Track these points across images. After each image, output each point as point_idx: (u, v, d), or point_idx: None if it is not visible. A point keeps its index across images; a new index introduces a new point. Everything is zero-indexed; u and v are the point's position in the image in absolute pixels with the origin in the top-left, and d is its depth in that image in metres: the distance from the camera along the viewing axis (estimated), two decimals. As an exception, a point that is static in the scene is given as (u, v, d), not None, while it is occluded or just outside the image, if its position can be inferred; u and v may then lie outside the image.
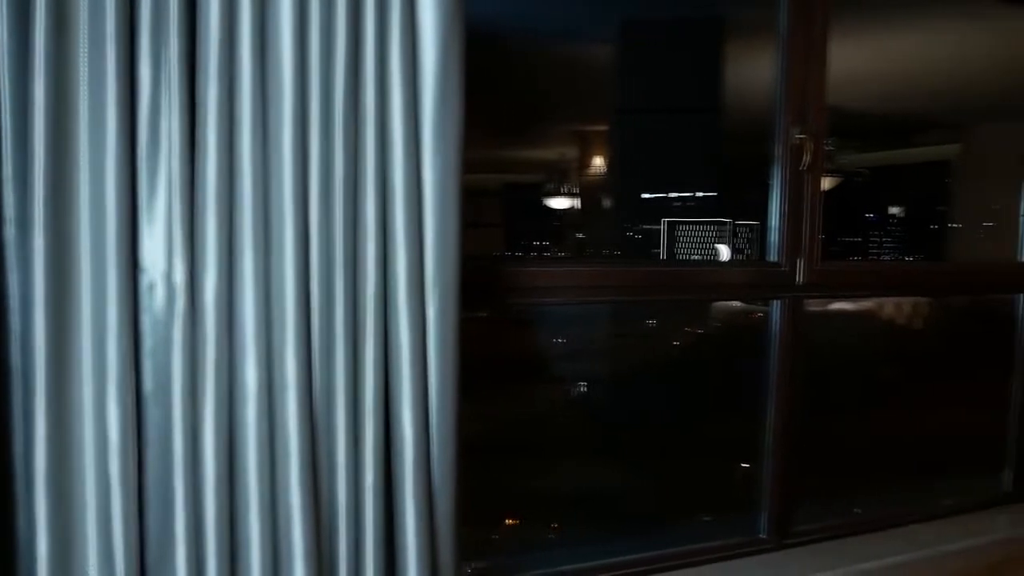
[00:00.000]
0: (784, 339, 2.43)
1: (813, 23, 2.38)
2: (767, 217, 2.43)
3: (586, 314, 3.12)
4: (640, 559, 2.30)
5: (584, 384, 3.47)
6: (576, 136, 4.35)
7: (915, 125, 4.79)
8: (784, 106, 2.37)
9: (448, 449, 1.52)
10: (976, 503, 2.95)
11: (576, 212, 4.28)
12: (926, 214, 4.91)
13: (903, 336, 3.69)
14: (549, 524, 2.71)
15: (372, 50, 1.40)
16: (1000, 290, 3.10)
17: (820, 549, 2.55)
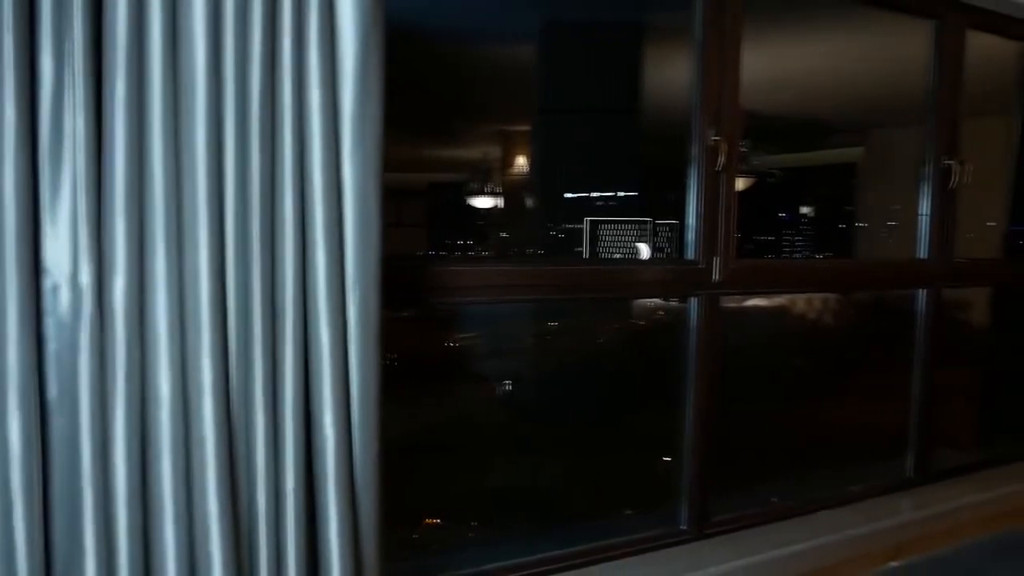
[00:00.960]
0: (701, 335, 2.50)
1: (726, 30, 2.46)
2: (685, 216, 2.49)
3: (510, 313, 3.13)
4: (563, 555, 2.33)
5: (509, 382, 3.49)
6: (499, 136, 4.37)
7: (823, 129, 4.99)
8: (700, 109, 2.44)
9: (370, 450, 1.51)
10: (881, 488, 3.10)
11: (500, 211, 4.29)
12: (834, 214, 5.13)
13: (814, 330, 3.85)
14: (473, 523, 2.72)
15: (289, 48, 1.37)
16: (901, 286, 3.27)
17: (738, 538, 2.63)
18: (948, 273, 3.19)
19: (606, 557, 2.39)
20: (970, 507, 3.11)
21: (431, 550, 2.53)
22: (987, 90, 3.81)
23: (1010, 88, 3.90)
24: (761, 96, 3.68)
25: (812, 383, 3.66)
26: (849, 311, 3.90)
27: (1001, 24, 3.23)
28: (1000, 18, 3.19)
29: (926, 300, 3.16)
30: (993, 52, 3.53)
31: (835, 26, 3.57)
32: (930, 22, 3.05)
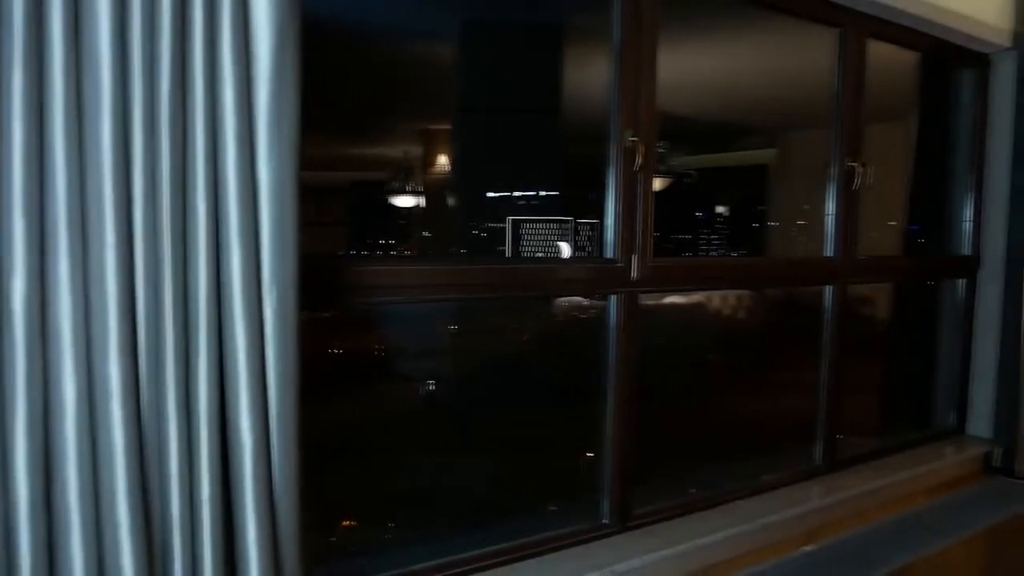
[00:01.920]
0: (621, 332, 2.55)
1: (643, 33, 2.51)
2: (604, 216, 2.54)
3: (433, 312, 3.12)
4: (486, 553, 2.34)
5: (432, 382, 3.47)
6: (421, 134, 4.34)
7: (737, 131, 5.15)
8: (617, 110, 2.49)
9: (290, 455, 1.48)
10: (793, 477, 3.23)
11: (422, 210, 4.27)
12: (748, 213, 5.30)
13: (729, 326, 3.97)
14: (395, 524, 2.70)
15: (201, 42, 1.33)
16: (810, 282, 3.41)
17: (659, 529, 2.70)
18: (852, 270, 3.35)
19: (530, 554, 2.41)
20: (873, 492, 3.28)
21: (353, 553, 2.50)
22: (889, 97, 4.01)
23: (909, 95, 4.12)
24: (678, 98, 3.77)
25: (728, 377, 3.78)
26: (762, 307, 4.04)
27: (899, 34, 3.41)
28: (898, 28, 3.37)
29: (832, 296, 3.31)
30: (894, 61, 3.73)
31: (748, 32, 3.69)
32: (834, 30, 3.19)
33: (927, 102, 4.14)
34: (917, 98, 4.12)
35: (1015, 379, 3.73)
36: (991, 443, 3.88)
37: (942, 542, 2.92)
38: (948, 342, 4.13)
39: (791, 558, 2.74)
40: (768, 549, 2.79)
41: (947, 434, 4.01)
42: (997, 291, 3.91)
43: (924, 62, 3.93)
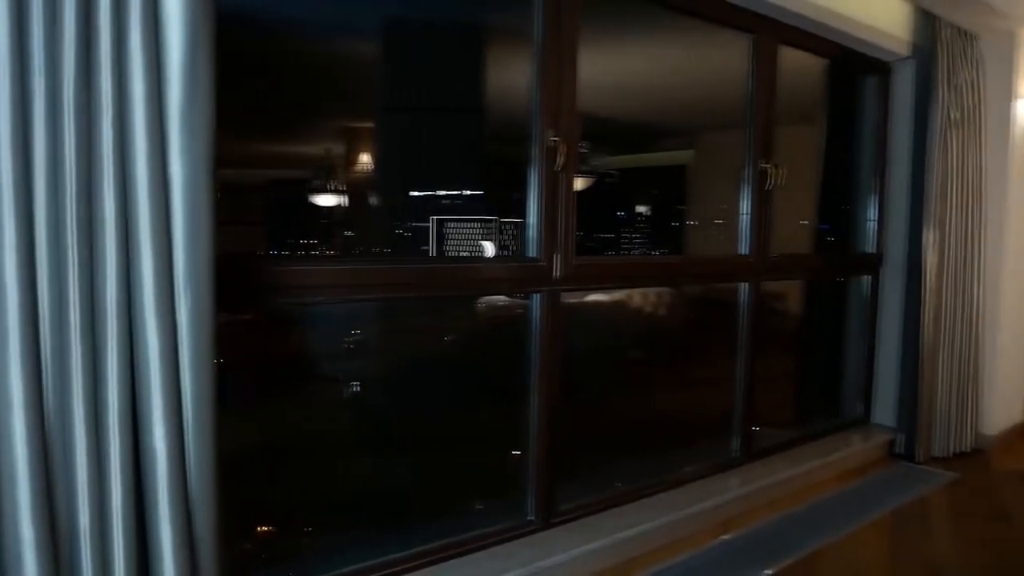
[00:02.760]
0: (544, 330, 2.58)
1: (564, 34, 2.54)
2: (527, 215, 2.56)
3: (357, 312, 3.08)
4: (412, 555, 2.33)
5: (357, 383, 3.43)
6: (343, 132, 4.27)
7: (657, 131, 5.26)
8: (539, 110, 2.51)
9: (206, 462, 1.44)
10: (711, 468, 3.33)
11: (344, 209, 4.20)
12: (669, 213, 5.41)
13: (650, 323, 4.05)
14: (320, 528, 2.65)
15: (108, 33, 1.28)
16: (726, 280, 3.52)
17: (583, 525, 2.74)
18: (766, 268, 3.47)
19: (455, 553, 2.41)
20: (787, 481, 3.41)
21: (273, 560, 2.45)
22: (800, 101, 4.16)
23: (818, 100, 4.29)
24: (599, 99, 3.82)
25: (649, 373, 3.86)
26: (681, 304, 4.14)
27: (808, 41, 3.56)
28: (807, 36, 3.51)
29: (747, 293, 3.42)
30: (804, 67, 3.87)
31: (667, 36, 3.77)
32: (748, 36, 3.30)
33: (835, 107, 4.33)
34: (825, 103, 4.30)
35: (915, 370, 3.93)
36: (894, 431, 4.09)
37: (851, 526, 3.05)
38: (855, 336, 4.33)
39: (710, 547, 2.82)
40: (688, 539, 2.87)
41: (855, 423, 4.21)
42: (898, 287, 4.12)
43: (831, 68, 4.11)
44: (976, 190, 4.03)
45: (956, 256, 3.96)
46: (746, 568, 2.65)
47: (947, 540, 2.99)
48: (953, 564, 2.77)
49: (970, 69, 3.99)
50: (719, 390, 3.50)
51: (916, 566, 2.75)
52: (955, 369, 4.01)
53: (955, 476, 3.74)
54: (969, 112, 3.96)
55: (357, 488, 2.84)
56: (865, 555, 2.83)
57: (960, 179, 3.94)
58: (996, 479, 3.76)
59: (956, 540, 2.99)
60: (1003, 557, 2.84)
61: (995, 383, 4.26)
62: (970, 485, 3.64)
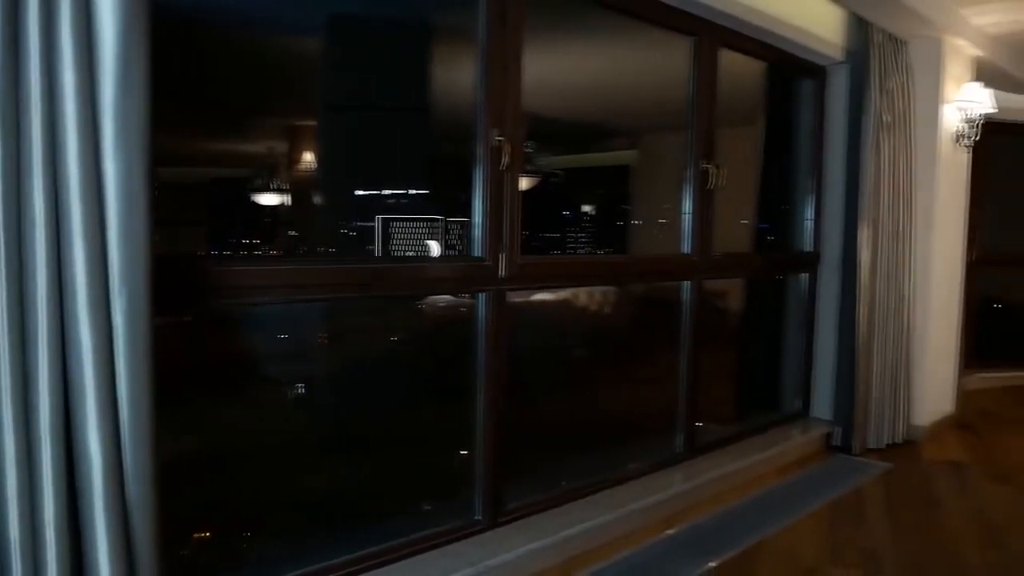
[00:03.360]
0: (490, 329, 2.58)
1: (509, 33, 2.55)
2: (472, 214, 2.55)
3: (302, 313, 3.03)
4: (359, 557, 2.30)
5: (303, 385, 3.38)
6: (286, 130, 4.20)
7: (602, 132, 5.31)
8: (484, 109, 2.51)
9: (144, 467, 1.40)
10: (656, 464, 3.37)
11: (287, 209, 4.14)
12: (613, 212, 5.47)
13: (596, 322, 4.09)
14: (266, 533, 2.60)
15: (37, 28, 1.24)
16: (670, 278, 3.57)
17: (530, 523, 2.75)
18: (708, 266, 3.54)
19: (403, 555, 2.40)
20: (729, 475, 3.48)
21: (217, 566, 2.39)
22: (740, 103, 4.25)
23: (758, 102, 4.39)
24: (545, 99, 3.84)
25: (595, 370, 3.89)
26: (626, 303, 4.19)
27: (748, 45, 3.64)
28: (747, 40, 3.59)
29: (690, 291, 3.48)
30: (745, 69, 3.96)
31: (612, 37, 3.81)
32: (689, 39, 3.36)
33: (773, 109, 4.43)
34: (764, 105, 4.40)
35: (850, 365, 4.06)
36: (831, 424, 4.21)
37: (791, 517, 3.14)
38: (794, 332, 4.45)
39: (655, 542, 2.86)
40: (633, 535, 2.91)
41: (794, 417, 4.32)
42: (834, 284, 4.25)
43: (770, 72, 4.21)
44: (906, 190, 4.18)
45: (888, 253, 4.10)
46: (690, 561, 2.70)
47: (882, 528, 3.10)
48: (888, 550, 2.87)
49: (901, 74, 4.14)
50: (663, 387, 3.56)
51: (853, 553, 2.83)
52: (888, 363, 4.15)
53: (889, 466, 3.87)
54: (900, 115, 4.10)
55: (302, 491, 2.80)
56: (804, 545, 2.91)
57: (892, 180, 4.08)
58: (927, 468, 3.91)
59: (890, 527, 3.10)
60: (934, 542, 2.95)
61: (925, 376, 4.42)
62: (903, 474, 3.77)
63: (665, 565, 2.67)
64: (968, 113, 4.47)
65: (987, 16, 4.29)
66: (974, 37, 4.45)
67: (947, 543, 2.95)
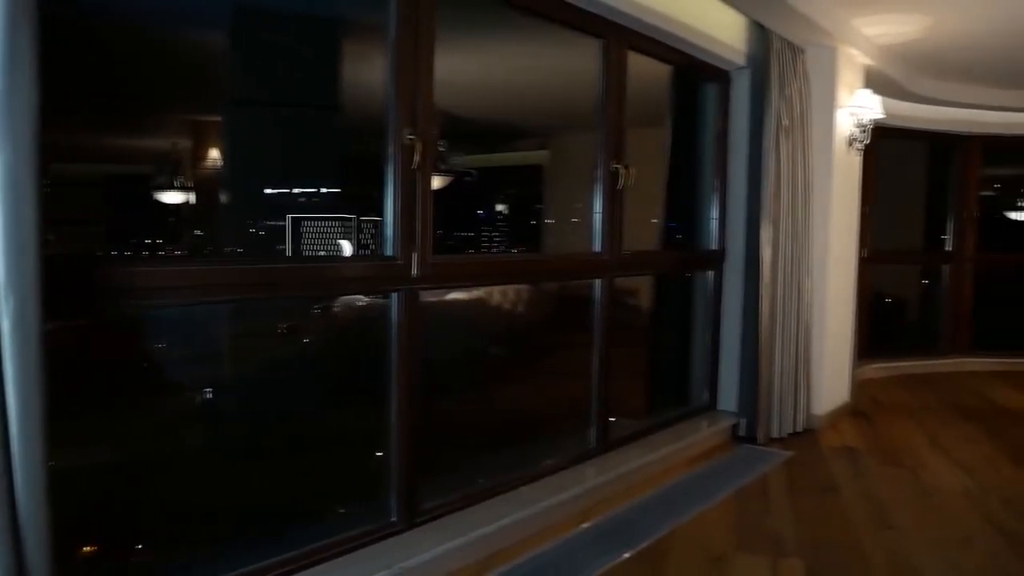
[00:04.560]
0: (402, 329, 2.56)
1: (420, 31, 2.53)
2: (384, 213, 2.53)
3: (209, 315, 2.94)
4: (270, 564, 2.24)
5: (209, 390, 3.28)
6: (190, 126, 4.06)
7: (515, 132, 5.36)
8: (395, 107, 2.49)
9: (36, 480, 1.33)
10: (570, 460, 3.42)
11: (192, 207, 3.99)
12: (527, 211, 5.53)
13: (510, 320, 4.13)
14: (172, 543, 2.51)
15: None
16: (581, 276, 3.63)
17: (447, 522, 2.74)
18: (618, 264, 3.61)
19: (317, 560, 2.35)
20: (641, 468, 3.57)
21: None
22: (649, 105, 4.36)
23: (666, 104, 4.50)
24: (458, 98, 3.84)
25: (510, 368, 3.92)
26: (539, 301, 4.24)
27: (655, 48, 3.73)
28: (654, 43, 3.68)
29: (601, 289, 3.55)
30: (654, 72, 4.06)
31: (524, 38, 3.84)
32: (598, 41, 3.42)
33: (680, 111, 4.56)
34: (672, 107, 4.52)
35: (754, 359, 4.23)
36: (737, 416, 4.37)
37: (700, 507, 3.24)
38: (701, 328, 4.59)
39: (570, 536, 2.90)
40: (549, 530, 2.94)
41: (702, 410, 4.47)
42: (739, 281, 4.41)
43: (677, 75, 4.34)
44: (804, 191, 4.38)
45: (788, 251, 4.29)
46: (605, 554, 2.76)
47: (785, 513, 3.24)
48: (791, 534, 3.00)
49: (799, 80, 4.33)
50: (576, 383, 3.61)
51: (758, 539, 2.95)
52: (789, 357, 4.34)
53: (790, 455, 4.05)
54: (797, 119, 4.29)
55: (211, 499, 2.72)
56: (713, 532, 3.01)
57: (791, 181, 4.26)
58: (825, 455, 4.11)
59: (792, 512, 3.24)
60: (832, 524, 3.10)
61: (823, 368, 4.64)
62: (803, 462, 3.96)
63: (581, 558, 2.72)
64: (860, 118, 4.72)
65: (876, 27, 4.55)
66: (865, 47, 4.70)
67: (844, 525, 3.11)
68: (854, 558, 2.79)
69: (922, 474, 3.79)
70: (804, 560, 2.76)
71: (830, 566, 2.72)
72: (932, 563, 2.75)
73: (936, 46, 4.86)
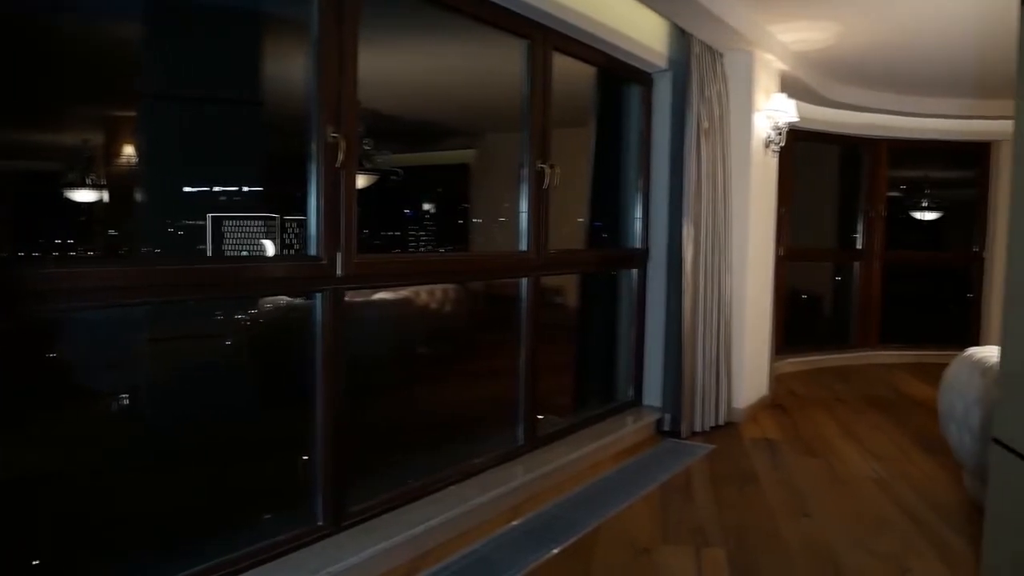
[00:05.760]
0: (327, 330, 2.52)
1: (344, 27, 2.50)
2: (308, 213, 2.49)
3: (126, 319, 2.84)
4: (192, 574, 2.18)
5: (126, 396, 3.17)
6: (102, 121, 3.91)
7: (441, 131, 5.34)
8: (318, 105, 2.45)
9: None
10: (499, 458, 3.44)
11: (106, 206, 3.85)
12: (454, 210, 5.52)
13: (438, 319, 4.12)
14: (87, 557, 2.42)
15: None
16: (508, 275, 3.65)
17: (375, 524, 2.72)
18: (544, 263, 3.64)
19: (241, 568, 2.30)
20: (569, 464, 3.61)
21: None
22: (575, 105, 4.42)
23: (591, 105, 4.57)
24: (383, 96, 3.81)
25: (438, 368, 3.92)
26: (467, 300, 4.25)
27: (579, 50, 3.78)
28: (578, 44, 3.73)
29: (527, 287, 3.57)
30: (580, 73, 4.11)
31: (452, 37, 3.84)
32: (524, 41, 3.45)
33: (605, 112, 4.63)
34: (597, 108, 4.59)
35: (677, 354, 4.33)
36: (661, 411, 4.47)
37: (627, 501, 3.30)
38: (626, 325, 4.68)
39: (500, 534, 2.91)
40: (479, 528, 2.95)
41: (628, 406, 4.55)
42: (662, 278, 4.52)
43: (601, 76, 4.41)
44: (724, 191, 4.51)
45: (709, 249, 4.41)
46: (534, 550, 2.78)
47: (708, 504, 3.33)
48: (714, 524, 3.09)
49: (718, 83, 4.45)
50: (505, 381, 3.63)
51: (683, 530, 3.03)
52: (711, 352, 4.46)
53: (713, 448, 4.17)
54: (717, 122, 4.42)
55: (129, 509, 2.63)
56: (639, 525, 3.07)
57: (711, 181, 4.38)
58: (746, 447, 4.24)
59: (715, 503, 3.34)
60: (753, 514, 3.21)
61: (743, 362, 4.80)
62: (725, 454, 4.07)
63: (510, 555, 2.73)
64: (776, 121, 4.90)
65: (791, 34, 4.72)
66: (780, 53, 4.88)
67: (764, 514, 3.22)
68: (773, 545, 2.90)
69: (836, 463, 3.96)
70: (726, 549, 2.85)
71: (751, 554, 2.82)
72: (846, 548, 2.87)
73: (846, 53, 5.08)
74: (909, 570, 2.69)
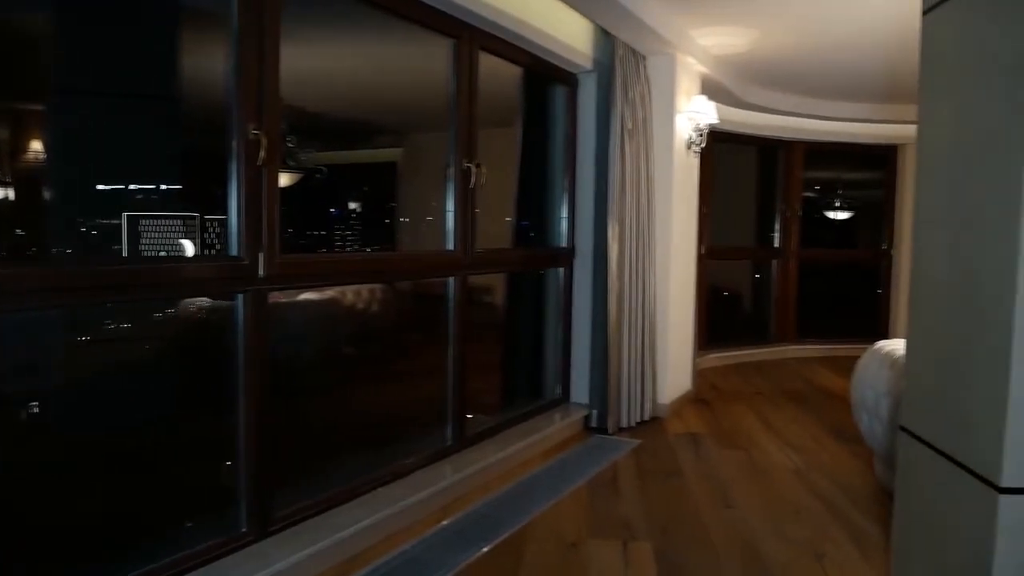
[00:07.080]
0: (249, 332, 2.46)
1: (265, 22, 2.45)
2: (228, 211, 2.42)
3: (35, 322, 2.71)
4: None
5: (35, 404, 3.02)
6: (6, 115, 3.72)
7: (367, 129, 5.28)
8: (238, 101, 2.39)
9: None
10: (427, 458, 3.43)
11: (11, 204, 3.66)
12: (381, 210, 5.47)
13: (364, 319, 4.07)
14: None
15: None
16: (436, 275, 3.64)
17: (302, 529, 2.68)
18: (471, 262, 3.65)
19: (163, 578, 2.23)
20: (498, 463, 3.63)
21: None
22: (502, 105, 4.43)
23: (518, 105, 4.60)
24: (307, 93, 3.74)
25: (365, 368, 3.87)
26: (394, 300, 4.21)
27: (505, 50, 3.80)
28: (504, 44, 3.75)
29: (455, 287, 3.57)
30: (506, 73, 4.13)
31: (378, 34, 3.80)
32: (450, 40, 3.44)
33: (532, 112, 4.67)
34: (524, 108, 4.62)
35: (604, 351, 4.40)
36: (589, 407, 4.54)
37: (555, 497, 3.34)
38: (554, 323, 4.73)
39: (430, 534, 2.91)
40: (409, 529, 2.94)
41: (555, 403, 4.60)
42: (588, 277, 4.58)
43: (528, 76, 4.44)
44: (648, 191, 4.61)
45: (633, 248, 4.50)
46: (465, 549, 2.78)
47: (634, 498, 3.40)
48: (640, 517, 3.15)
49: (642, 85, 4.55)
50: (433, 381, 3.62)
51: (610, 524, 3.08)
52: (636, 348, 4.55)
53: (639, 443, 4.25)
54: (640, 123, 4.51)
55: (39, 522, 2.51)
56: (568, 521, 3.11)
57: (635, 180, 4.47)
58: (670, 441, 4.34)
59: (641, 497, 3.41)
60: (678, 506, 3.29)
61: (667, 358, 4.91)
62: (650, 449, 4.17)
63: (441, 555, 2.73)
64: (697, 123, 5.03)
65: (710, 39, 4.85)
66: (701, 56, 5.01)
67: (689, 506, 3.31)
68: (698, 536, 2.98)
69: (756, 454, 4.10)
70: (652, 541, 2.91)
71: (676, 545, 2.89)
72: (767, 536, 2.98)
73: (763, 58, 5.26)
74: (824, 555, 2.81)
